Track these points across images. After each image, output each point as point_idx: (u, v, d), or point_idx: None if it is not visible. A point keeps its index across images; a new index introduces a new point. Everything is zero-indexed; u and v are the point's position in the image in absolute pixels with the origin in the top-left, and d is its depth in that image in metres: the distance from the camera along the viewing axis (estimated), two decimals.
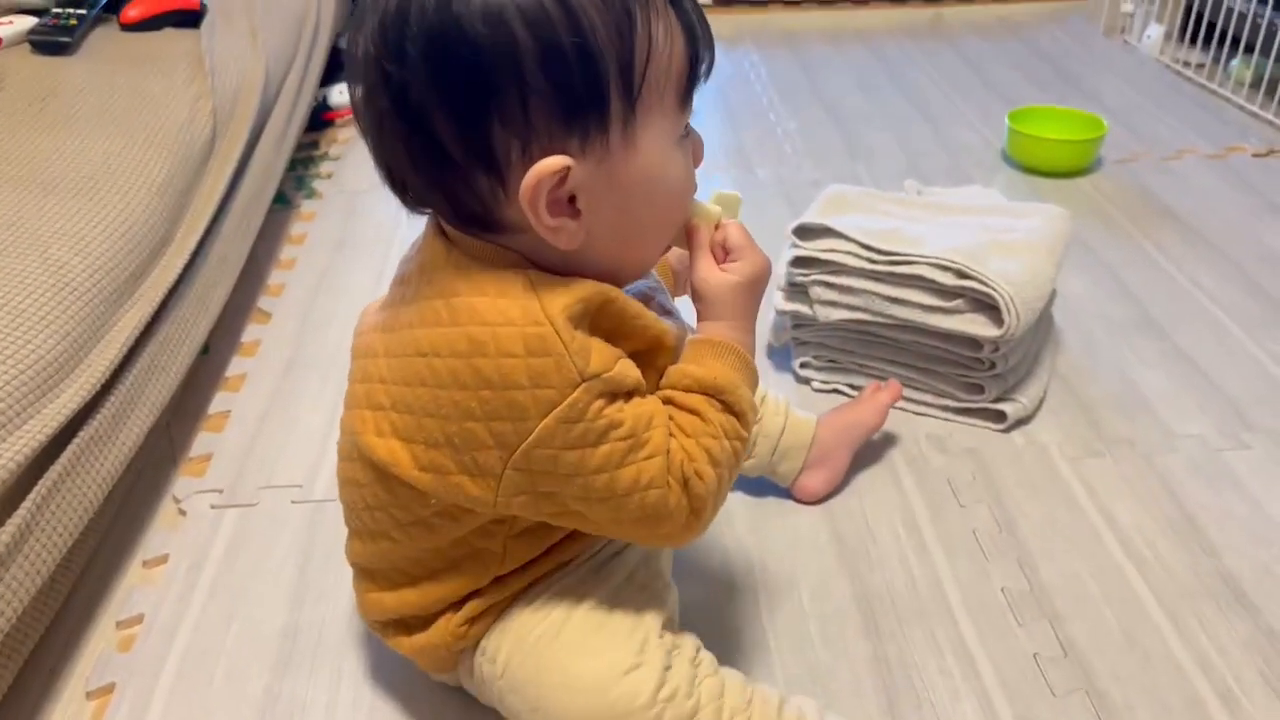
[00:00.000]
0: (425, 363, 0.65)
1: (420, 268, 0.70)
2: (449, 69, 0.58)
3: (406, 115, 0.61)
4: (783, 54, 2.32)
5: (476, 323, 0.63)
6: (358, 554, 0.80)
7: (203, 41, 1.48)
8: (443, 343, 0.64)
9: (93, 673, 0.89)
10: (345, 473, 0.77)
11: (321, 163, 1.82)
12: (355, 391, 0.73)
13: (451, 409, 0.65)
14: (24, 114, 1.24)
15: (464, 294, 0.65)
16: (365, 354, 0.73)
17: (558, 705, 0.72)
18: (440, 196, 0.65)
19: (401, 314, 0.69)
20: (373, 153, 0.66)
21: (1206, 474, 1.09)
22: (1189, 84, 2.12)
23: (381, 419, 0.69)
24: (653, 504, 0.67)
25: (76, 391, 0.89)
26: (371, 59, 0.61)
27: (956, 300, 1.11)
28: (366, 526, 0.76)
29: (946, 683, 0.87)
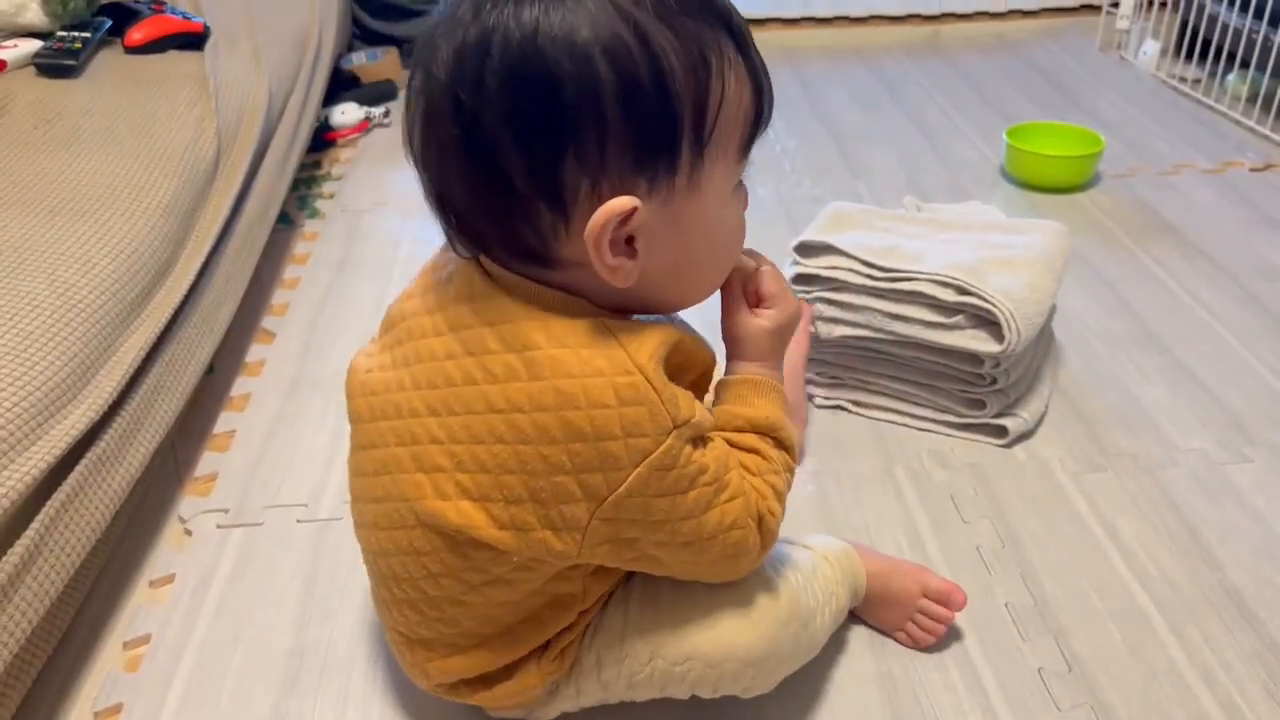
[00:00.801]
0: (504, 419, 0.64)
1: (460, 317, 0.67)
2: (529, 101, 0.58)
3: (476, 145, 0.60)
4: (782, 72, 2.33)
5: (562, 375, 0.62)
6: (412, 625, 0.75)
7: (206, 63, 1.49)
8: (523, 398, 0.63)
9: (100, 693, 0.89)
10: (394, 542, 0.71)
11: (324, 183, 1.83)
12: (396, 456, 0.69)
13: (539, 464, 0.64)
14: (30, 136, 1.25)
15: (544, 346, 0.63)
16: (397, 414, 0.69)
17: (712, 643, 0.75)
18: (497, 230, 0.63)
19: (449, 369, 0.66)
20: (427, 182, 0.65)
21: (1208, 488, 1.09)
22: (1186, 99, 2.13)
23: (443, 481, 0.67)
24: (735, 544, 0.69)
25: (84, 413, 0.90)
26: (443, 85, 0.60)
27: (957, 316, 1.11)
28: (427, 595, 0.72)
29: (951, 698, 0.87)
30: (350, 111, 2.02)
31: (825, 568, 0.85)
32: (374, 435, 0.72)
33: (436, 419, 0.67)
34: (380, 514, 0.72)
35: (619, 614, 0.78)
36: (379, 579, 0.76)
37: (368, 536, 0.75)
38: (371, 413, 0.72)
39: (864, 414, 1.21)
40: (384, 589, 0.76)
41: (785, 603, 0.77)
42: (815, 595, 0.81)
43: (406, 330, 0.71)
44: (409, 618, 0.75)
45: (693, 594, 0.76)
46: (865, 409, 1.21)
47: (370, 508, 0.73)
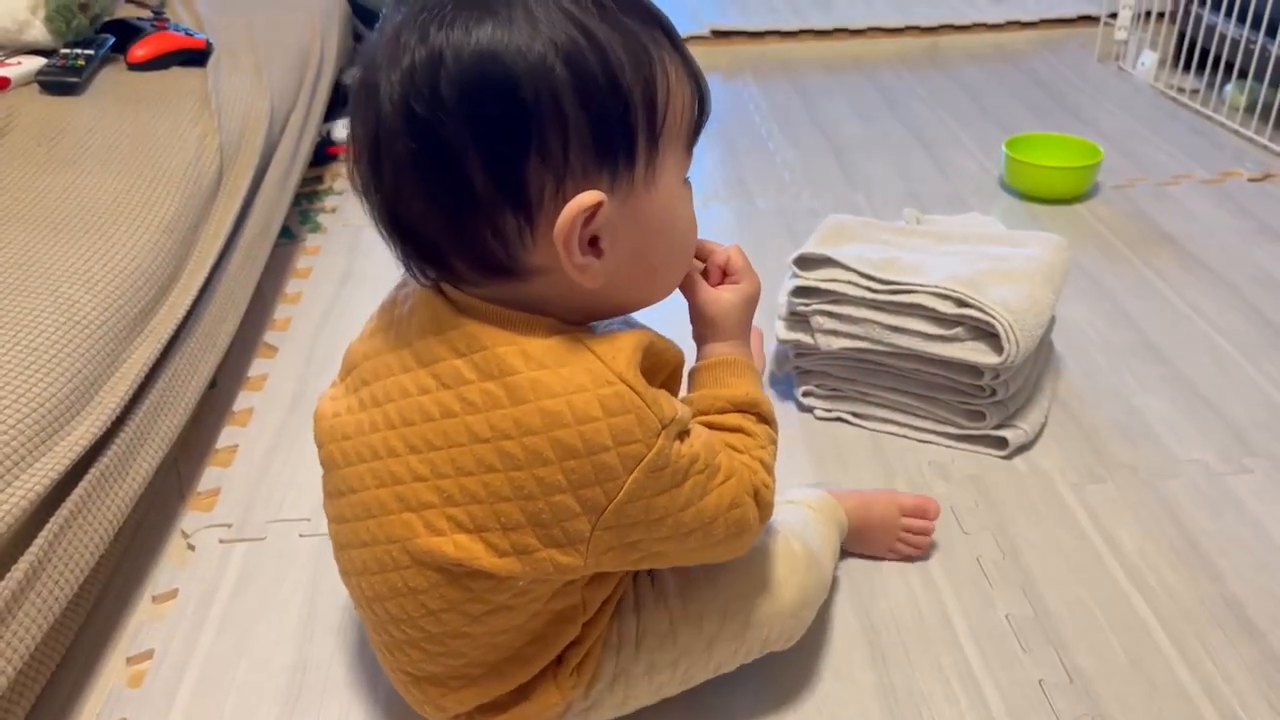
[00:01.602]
0: (492, 448, 0.64)
1: (429, 350, 0.67)
2: (490, 105, 0.59)
3: (436, 158, 0.60)
4: (781, 84, 2.34)
5: (546, 396, 0.63)
6: (417, 663, 0.75)
7: (209, 80, 1.50)
8: (509, 424, 0.63)
9: (104, 709, 0.89)
10: (388, 585, 0.71)
11: (326, 197, 1.84)
12: (379, 498, 0.69)
13: (535, 487, 0.64)
14: (33, 154, 1.26)
15: (523, 370, 0.63)
16: (374, 456, 0.69)
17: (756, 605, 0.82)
18: (459, 246, 0.63)
19: (424, 405, 0.66)
20: (379, 207, 0.65)
21: (1209, 499, 1.09)
22: (1184, 110, 2.14)
23: (434, 517, 0.67)
24: (736, 521, 0.71)
25: (87, 428, 0.90)
26: (395, 104, 0.60)
27: (957, 328, 1.12)
28: (429, 633, 0.72)
29: (953, 710, 0.87)
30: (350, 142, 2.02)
31: (813, 515, 0.94)
32: (352, 480, 0.71)
33: (417, 456, 0.67)
34: (370, 558, 0.71)
35: (663, 615, 0.80)
36: (376, 624, 0.75)
37: (358, 583, 0.74)
38: (346, 457, 0.72)
39: (864, 425, 1.21)
40: (382, 633, 0.76)
41: (801, 553, 0.85)
42: (816, 540, 0.90)
43: (371, 370, 0.71)
44: (413, 656, 0.74)
45: (727, 572, 0.81)
46: (865, 420, 1.22)
47: (358, 553, 0.72)
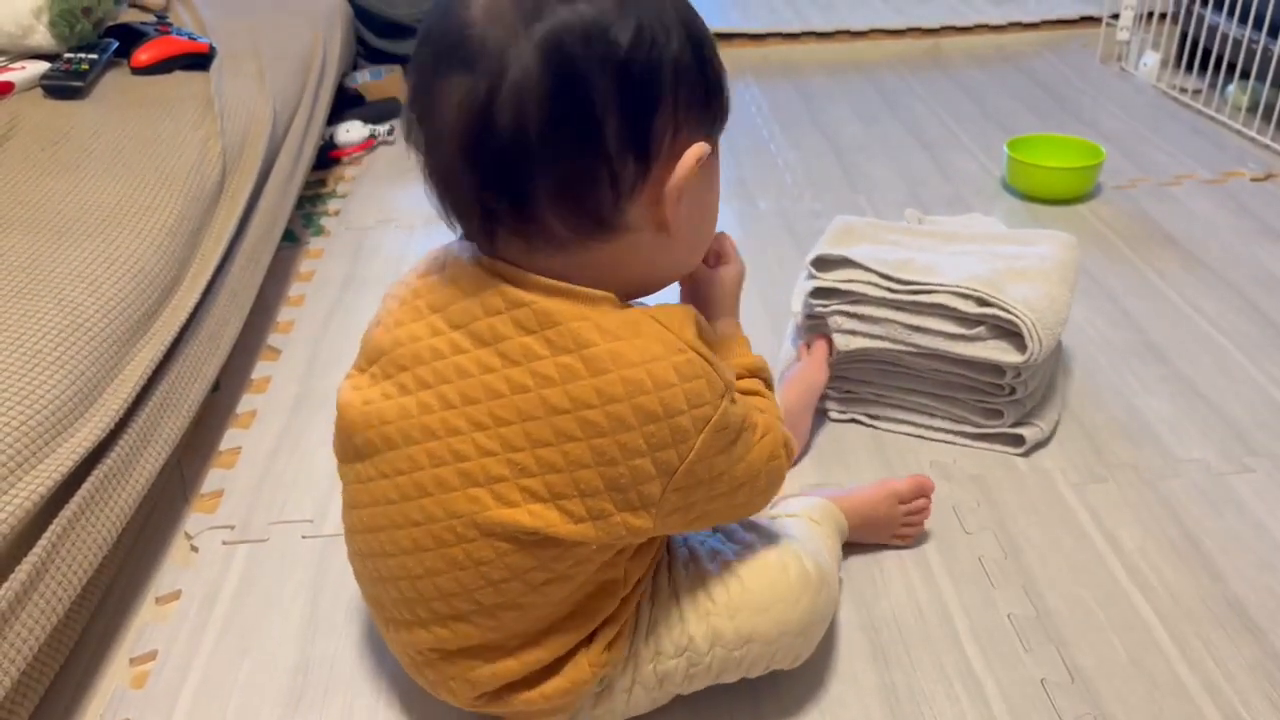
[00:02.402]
0: (572, 418, 0.68)
1: (491, 330, 0.69)
2: (641, 55, 0.65)
3: (575, 108, 0.64)
4: (783, 86, 2.34)
5: (625, 366, 0.67)
6: (456, 638, 0.76)
7: (212, 84, 1.50)
8: (590, 394, 0.67)
9: (107, 709, 0.89)
10: (445, 559, 0.73)
11: (329, 200, 1.85)
12: (438, 477, 0.71)
13: (617, 452, 0.68)
14: (37, 158, 1.26)
15: (600, 343, 0.67)
16: (429, 436, 0.71)
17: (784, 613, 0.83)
18: (570, 197, 0.66)
19: (490, 383, 0.69)
20: (478, 159, 0.66)
21: (1210, 498, 1.09)
22: (1186, 110, 2.14)
23: (506, 489, 0.70)
24: (775, 471, 0.78)
25: (91, 430, 0.91)
26: (539, 54, 0.63)
27: (979, 328, 1.12)
28: (482, 605, 0.74)
29: (954, 709, 0.87)
30: (355, 129, 2.03)
31: (818, 529, 0.94)
32: (400, 462, 0.73)
33: (484, 432, 0.70)
34: (423, 535, 0.73)
35: (673, 608, 0.82)
36: (408, 603, 0.76)
37: (399, 563, 0.75)
38: (391, 441, 0.73)
39: (879, 426, 1.21)
40: (416, 611, 0.76)
41: (813, 571, 0.85)
42: (825, 556, 0.89)
43: (411, 355, 0.73)
44: (456, 631, 0.76)
45: (739, 579, 0.83)
46: (880, 421, 1.22)
47: (404, 533, 0.74)
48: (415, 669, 0.82)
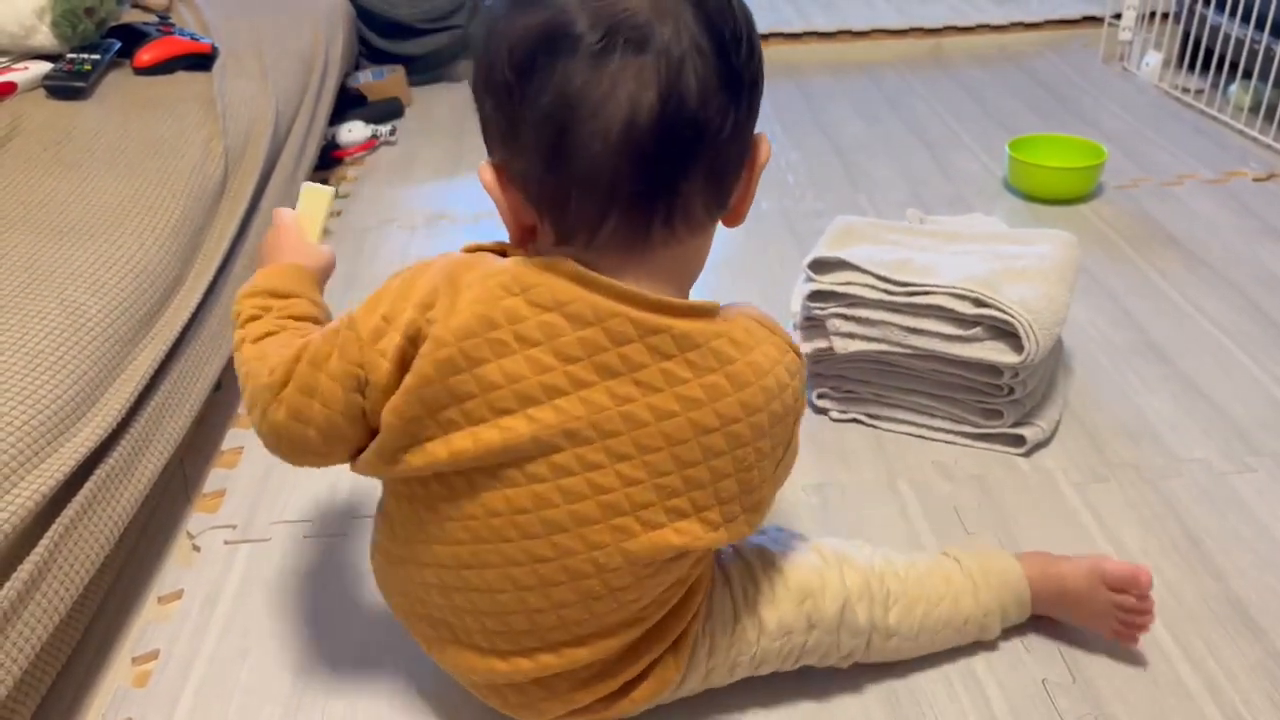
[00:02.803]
0: (720, 435, 0.70)
1: (625, 360, 0.68)
2: (758, 52, 0.69)
3: (734, 102, 0.67)
4: (784, 86, 2.34)
5: (760, 376, 0.71)
6: (571, 660, 0.77)
7: (214, 84, 1.51)
8: (736, 409, 0.70)
9: (109, 708, 0.90)
10: (577, 591, 0.73)
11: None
12: (578, 512, 0.70)
13: (754, 458, 0.72)
14: (40, 158, 1.26)
15: (738, 358, 0.70)
16: (566, 472, 0.70)
17: None
18: (713, 184, 0.69)
19: (631, 413, 0.69)
20: (659, 155, 0.65)
21: (1212, 498, 1.09)
22: (1188, 110, 2.13)
23: (652, 513, 0.71)
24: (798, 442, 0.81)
25: (93, 430, 0.91)
26: (712, 53, 0.65)
27: (975, 328, 1.12)
28: (606, 625, 0.75)
29: (955, 709, 0.87)
30: (357, 129, 2.03)
31: (960, 575, 0.91)
32: (523, 500, 0.71)
33: (627, 463, 0.70)
34: (551, 572, 0.72)
35: (726, 600, 0.84)
36: (507, 635, 0.76)
37: (513, 599, 0.74)
38: (511, 480, 0.71)
39: (879, 426, 1.22)
40: (515, 643, 0.76)
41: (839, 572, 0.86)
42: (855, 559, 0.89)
43: (516, 396, 0.69)
44: (564, 658, 0.76)
45: (781, 572, 0.85)
46: (880, 421, 1.22)
47: (522, 570, 0.73)
48: (491, 691, 0.81)
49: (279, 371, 0.73)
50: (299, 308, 0.83)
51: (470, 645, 0.78)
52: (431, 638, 0.81)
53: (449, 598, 0.76)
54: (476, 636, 0.77)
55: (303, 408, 0.72)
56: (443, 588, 0.76)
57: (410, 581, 0.79)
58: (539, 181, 0.67)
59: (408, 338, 0.69)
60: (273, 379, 0.74)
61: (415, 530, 0.76)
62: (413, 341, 0.69)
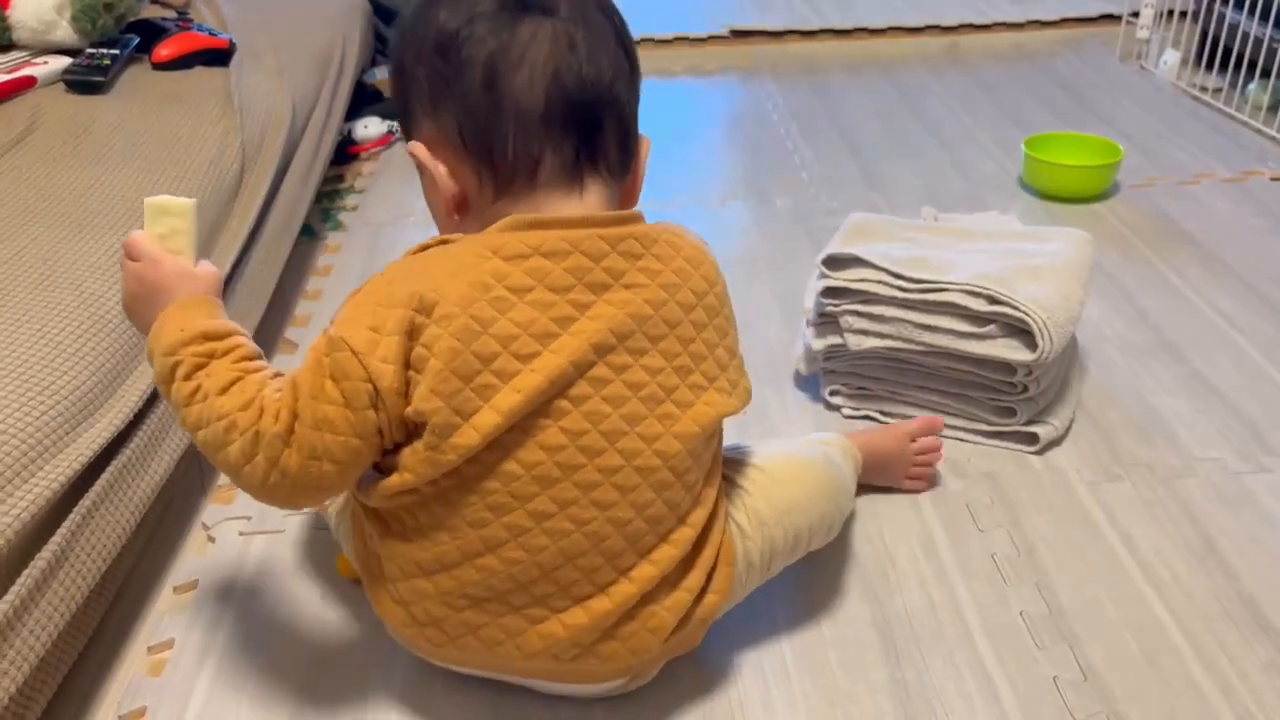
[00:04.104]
0: (700, 309, 0.81)
1: (601, 276, 0.76)
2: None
3: (635, 75, 0.81)
4: (800, 84, 2.34)
5: (702, 253, 0.83)
6: (667, 562, 0.80)
7: (231, 79, 1.51)
8: (703, 284, 0.81)
9: (124, 697, 0.90)
10: (656, 483, 0.77)
11: (346, 195, 1.86)
12: (628, 414, 0.76)
13: (726, 323, 0.84)
14: (59, 152, 1.27)
15: (684, 243, 0.82)
16: (604, 383, 0.75)
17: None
18: (627, 138, 0.81)
19: (633, 312, 0.76)
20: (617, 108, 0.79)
21: (1226, 497, 1.09)
22: (1206, 109, 2.12)
23: (681, 394, 0.78)
24: None
25: (110, 421, 0.92)
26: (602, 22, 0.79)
27: (989, 326, 1.12)
28: (683, 512, 0.80)
29: (966, 706, 0.87)
30: (373, 125, 2.04)
31: (834, 451, 0.99)
32: (579, 423, 0.75)
33: (646, 355, 0.77)
34: (626, 478, 0.77)
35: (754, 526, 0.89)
36: (602, 565, 0.78)
37: (603, 522, 0.77)
38: (561, 410, 0.74)
39: (892, 423, 1.21)
40: (614, 566, 0.78)
41: (819, 453, 0.96)
42: (844, 469, 0.97)
43: (535, 338, 0.73)
44: (656, 564, 0.79)
45: (759, 466, 0.92)
46: (892, 418, 1.21)
47: (602, 491, 0.76)
48: (581, 654, 0.80)
49: (283, 416, 0.72)
50: (245, 348, 0.78)
51: (562, 608, 0.78)
52: (496, 639, 0.80)
53: (536, 561, 0.77)
54: (575, 587, 0.78)
55: (317, 443, 0.72)
56: (524, 559, 0.76)
57: (459, 581, 0.78)
58: (478, 125, 0.76)
59: (404, 333, 0.72)
60: (279, 426, 0.72)
61: (458, 523, 0.76)
62: (410, 335, 0.72)
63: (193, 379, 0.75)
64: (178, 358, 0.76)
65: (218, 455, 0.74)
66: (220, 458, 0.74)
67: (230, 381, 0.74)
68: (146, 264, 0.80)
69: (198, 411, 0.75)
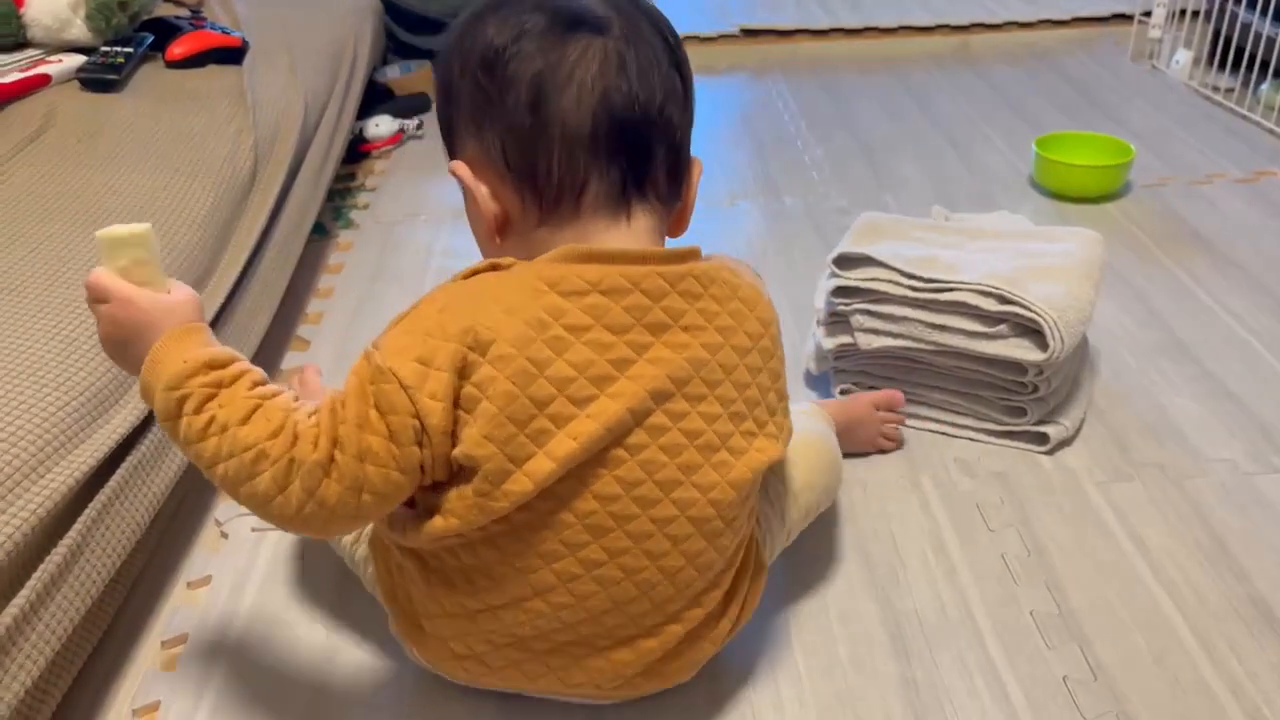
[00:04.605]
0: (755, 353, 0.79)
1: (659, 316, 0.73)
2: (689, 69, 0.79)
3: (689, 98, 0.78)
4: (810, 83, 2.34)
5: (758, 292, 0.81)
6: (711, 603, 0.81)
7: (244, 78, 1.52)
8: (758, 326, 0.79)
9: (138, 690, 0.91)
10: (708, 532, 0.76)
11: (358, 194, 1.86)
12: (684, 463, 0.74)
13: (780, 366, 0.82)
14: (73, 150, 1.28)
15: (741, 282, 0.79)
16: (661, 431, 0.73)
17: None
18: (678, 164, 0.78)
19: (691, 358, 0.74)
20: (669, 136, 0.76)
21: (1236, 498, 1.09)
22: (1218, 109, 2.12)
23: (736, 441, 0.77)
24: None
25: (125, 417, 0.92)
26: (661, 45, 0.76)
27: (1000, 325, 1.12)
28: (728, 553, 0.80)
29: (975, 705, 0.87)
30: (384, 124, 2.05)
31: (820, 422, 1.05)
32: (633, 473, 0.73)
33: (704, 403, 0.75)
34: (680, 528, 0.75)
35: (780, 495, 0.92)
36: (649, 611, 0.77)
37: (655, 571, 0.75)
38: (617, 459, 0.72)
39: (902, 423, 1.21)
40: (662, 611, 0.78)
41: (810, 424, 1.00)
42: (833, 438, 1.03)
43: (592, 381, 0.71)
44: (705, 606, 0.80)
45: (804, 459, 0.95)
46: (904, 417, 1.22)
47: (654, 541, 0.75)
48: (628, 683, 0.81)
49: (322, 443, 0.68)
50: (253, 373, 0.74)
51: (608, 647, 0.79)
52: (538, 673, 0.80)
53: (584, 606, 0.76)
54: (621, 630, 0.78)
55: (360, 474, 0.68)
56: (572, 604, 0.75)
57: (503, 622, 0.77)
58: (523, 146, 0.73)
59: (455, 371, 0.68)
60: (319, 454, 0.68)
61: (506, 570, 0.75)
62: (461, 374, 0.68)
63: (204, 411, 0.70)
64: (184, 391, 0.71)
65: (242, 488, 0.70)
66: (245, 490, 0.70)
67: (250, 410, 0.70)
68: (117, 304, 0.74)
69: (214, 445, 0.70)
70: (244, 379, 0.72)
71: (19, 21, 1.55)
